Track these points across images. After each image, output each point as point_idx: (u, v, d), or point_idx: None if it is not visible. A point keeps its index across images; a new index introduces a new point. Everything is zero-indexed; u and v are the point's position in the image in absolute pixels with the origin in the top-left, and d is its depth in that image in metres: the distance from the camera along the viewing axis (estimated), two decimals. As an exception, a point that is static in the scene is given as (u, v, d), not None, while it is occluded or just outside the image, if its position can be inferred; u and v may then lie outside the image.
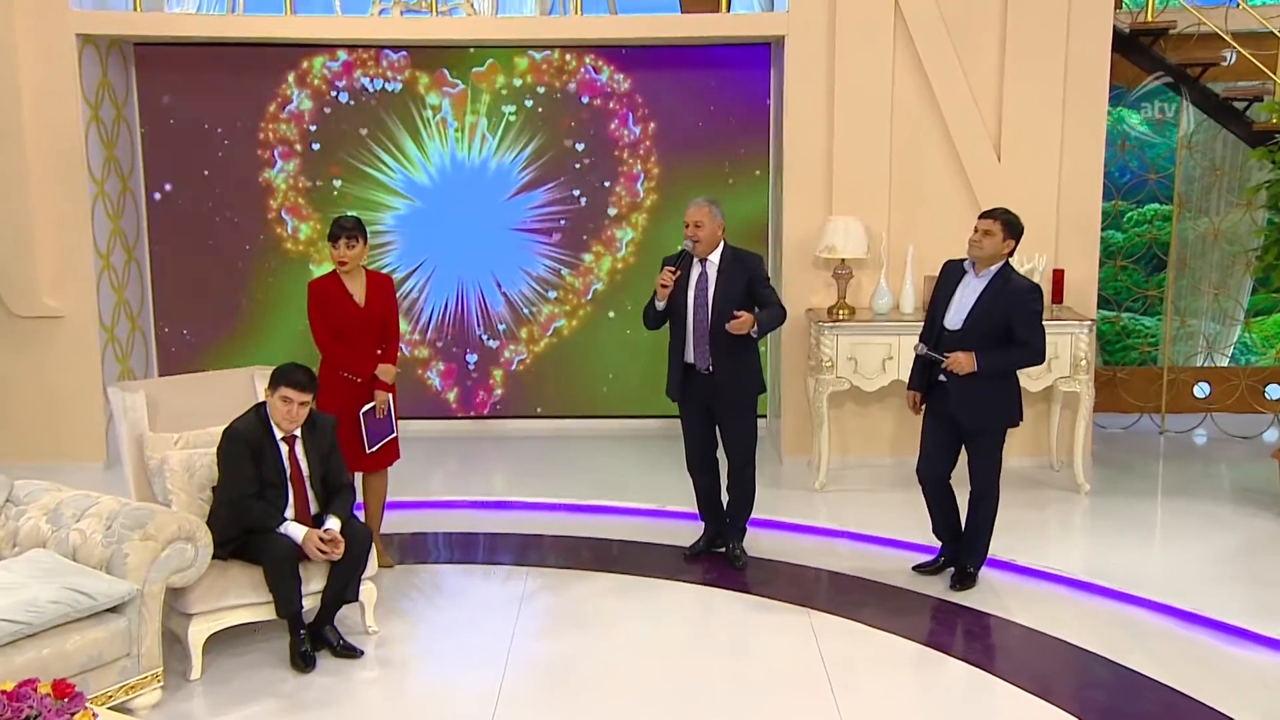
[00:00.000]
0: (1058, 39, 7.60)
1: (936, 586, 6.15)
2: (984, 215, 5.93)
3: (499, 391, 9.03)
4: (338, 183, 8.75)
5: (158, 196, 8.69)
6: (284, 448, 5.41)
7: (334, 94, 8.66)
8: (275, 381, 5.38)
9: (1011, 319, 5.79)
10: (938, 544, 6.37)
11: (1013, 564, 6.37)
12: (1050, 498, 7.50)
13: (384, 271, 7.80)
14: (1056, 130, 7.69)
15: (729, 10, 8.16)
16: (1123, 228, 9.44)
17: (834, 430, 7.76)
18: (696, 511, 6.70)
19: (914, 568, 6.35)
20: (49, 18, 7.59)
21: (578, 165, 8.77)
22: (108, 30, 7.86)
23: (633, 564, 6.54)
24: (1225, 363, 9.52)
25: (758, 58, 8.59)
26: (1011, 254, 5.92)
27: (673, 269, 6.09)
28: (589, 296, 8.92)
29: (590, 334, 8.97)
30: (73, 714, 3.35)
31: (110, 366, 8.16)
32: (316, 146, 8.71)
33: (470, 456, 8.57)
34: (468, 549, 6.87)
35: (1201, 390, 9.33)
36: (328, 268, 8.57)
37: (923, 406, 6.15)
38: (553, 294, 8.92)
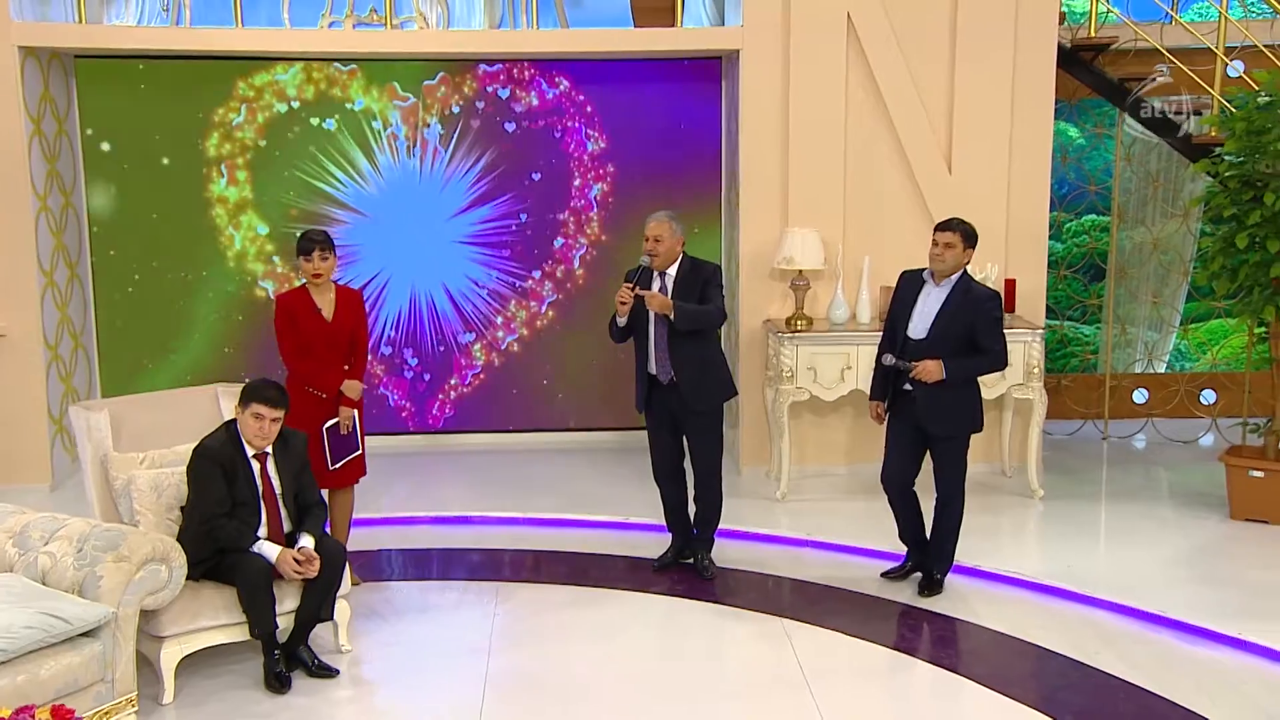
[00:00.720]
0: (1005, 54, 7.74)
1: (905, 593, 6.22)
2: (942, 228, 5.99)
3: (452, 406, 8.97)
4: (286, 196, 8.64)
5: (99, 210, 8.51)
6: (255, 465, 5.33)
7: (281, 107, 8.56)
8: (246, 398, 5.30)
9: (975, 327, 5.89)
10: (903, 550, 6.45)
11: (977, 569, 6.46)
12: (1006, 503, 7.61)
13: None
14: (1005, 142, 7.83)
15: (681, 24, 8.20)
16: (1061, 238, 9.65)
17: (792, 440, 7.80)
18: (661, 523, 6.71)
19: (883, 574, 6.41)
20: (-17, 29, 7.45)
21: (530, 178, 8.74)
22: (51, 42, 7.70)
23: (601, 577, 6.53)
24: (1163, 369, 9.77)
25: (709, 71, 8.65)
26: (969, 262, 6.02)
27: (630, 285, 6.08)
28: (543, 310, 8.90)
29: (544, 348, 8.95)
30: (77, 739, 3.27)
31: (54, 386, 7.96)
32: (263, 159, 8.59)
33: (425, 471, 8.46)
34: (432, 565, 6.80)
35: (1140, 396, 9.55)
36: (271, 283, 8.54)
37: (886, 415, 6.23)
38: (504, 306, 8.88)
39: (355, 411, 6.15)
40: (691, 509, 6.57)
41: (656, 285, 6.15)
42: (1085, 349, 9.84)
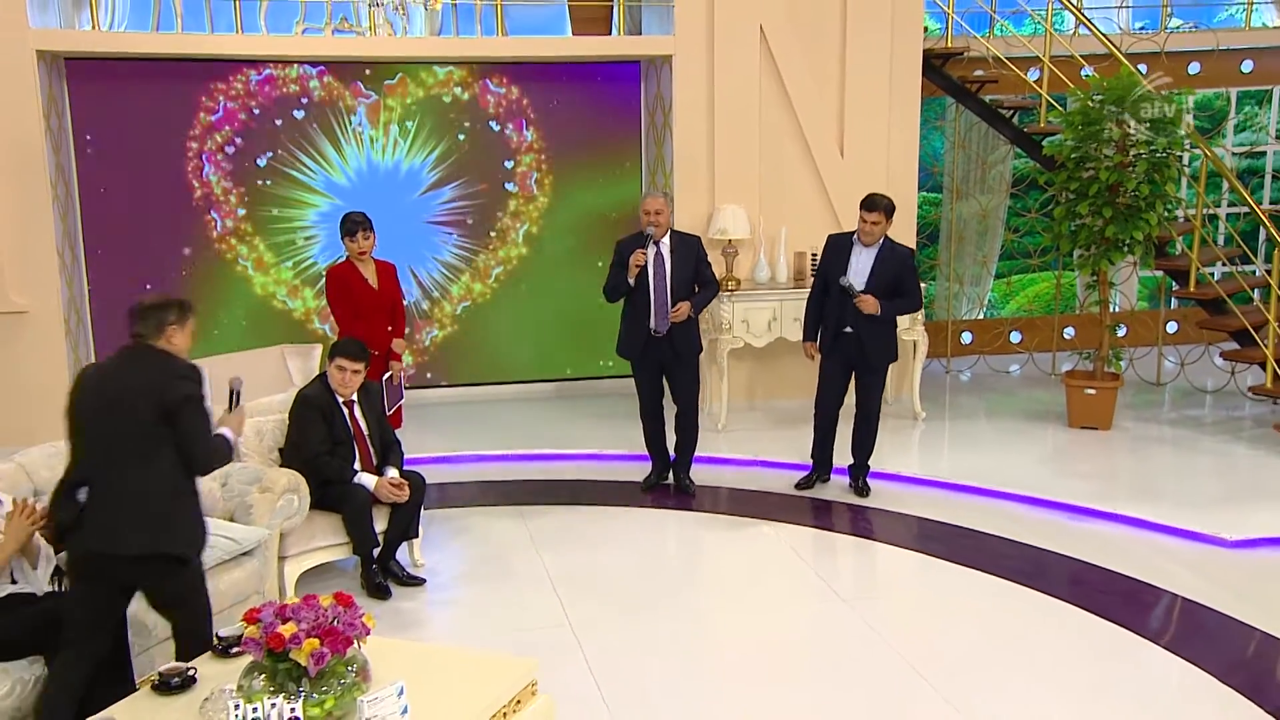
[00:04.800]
0: (883, 62, 8.53)
1: (850, 496, 6.97)
2: (870, 208, 6.57)
3: (413, 365, 9.27)
4: (262, 182, 8.76)
5: (93, 196, 8.45)
6: (346, 411, 5.67)
7: (258, 103, 8.66)
8: (332, 354, 5.66)
9: (900, 277, 6.65)
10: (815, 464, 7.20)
11: (898, 474, 7.27)
12: (897, 424, 8.40)
13: (311, 263, 8.11)
14: (884, 132, 8.64)
15: (621, 33, 8.70)
16: (903, 211, 10.60)
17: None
18: (627, 452, 7.31)
19: (796, 485, 7.09)
20: (10, 35, 7.35)
21: (478, 166, 9.10)
22: (63, 47, 7.68)
23: (601, 497, 7.05)
24: (981, 315, 10.89)
25: (631, 74, 9.19)
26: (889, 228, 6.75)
27: (644, 251, 6.61)
28: (491, 280, 9.29)
29: (492, 311, 9.34)
30: (360, 617, 3.65)
31: (68, 356, 7.94)
32: (241, 150, 8.69)
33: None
34: (447, 496, 7.12)
35: (967, 337, 10.64)
36: (249, 262, 8.68)
37: (818, 353, 6.87)
38: (457, 276, 9.23)
39: (401, 365, 6.51)
40: (669, 439, 7.16)
41: (653, 252, 6.69)
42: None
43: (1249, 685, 4.64)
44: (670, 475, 7.19)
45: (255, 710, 3.27)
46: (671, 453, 7.17)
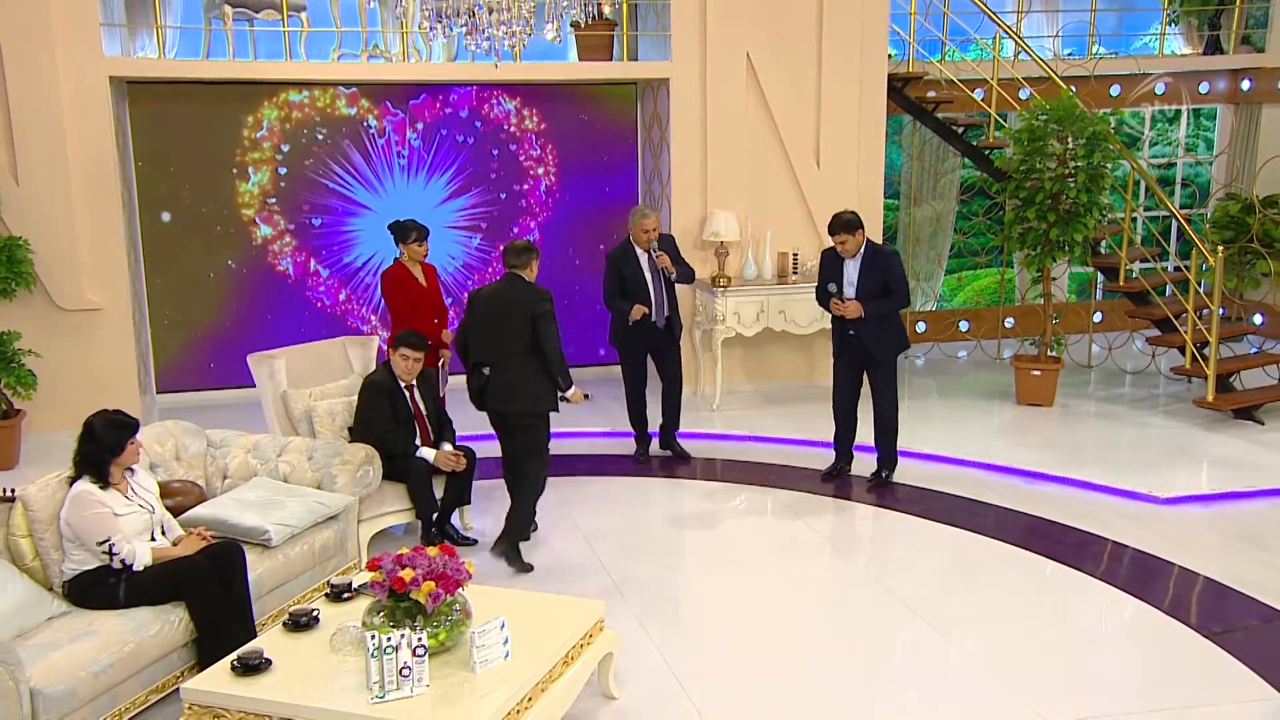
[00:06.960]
0: (853, 85, 8.92)
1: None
2: (834, 232, 6.68)
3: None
4: (301, 193, 9.04)
5: (151, 206, 8.70)
6: (407, 394, 6.01)
7: (297, 121, 8.94)
8: (396, 343, 6.00)
9: (886, 277, 6.80)
10: (816, 440, 7.61)
11: (872, 446, 7.63)
12: (866, 405, 8.77)
13: (344, 265, 8.56)
14: (854, 146, 9.04)
15: (625, 58, 9.06)
16: (865, 215, 11.03)
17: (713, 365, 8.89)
18: (604, 430, 7.74)
19: (823, 476, 7.19)
20: (89, 64, 7.60)
21: (494, 176, 9.44)
22: (134, 73, 7.93)
23: (619, 469, 7.43)
24: (933, 307, 11.37)
25: (627, 95, 9.56)
26: (865, 237, 6.98)
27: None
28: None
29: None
30: (463, 564, 4.02)
31: (134, 348, 8.19)
32: (282, 164, 8.96)
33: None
34: (486, 469, 7.39)
35: (921, 326, 11.10)
36: (288, 263, 8.94)
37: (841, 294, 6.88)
38: (473, 275, 9.55)
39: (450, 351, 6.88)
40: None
41: (645, 259, 7.16)
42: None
43: (1183, 612, 5.15)
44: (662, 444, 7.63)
45: (389, 639, 3.64)
46: (658, 422, 7.60)
